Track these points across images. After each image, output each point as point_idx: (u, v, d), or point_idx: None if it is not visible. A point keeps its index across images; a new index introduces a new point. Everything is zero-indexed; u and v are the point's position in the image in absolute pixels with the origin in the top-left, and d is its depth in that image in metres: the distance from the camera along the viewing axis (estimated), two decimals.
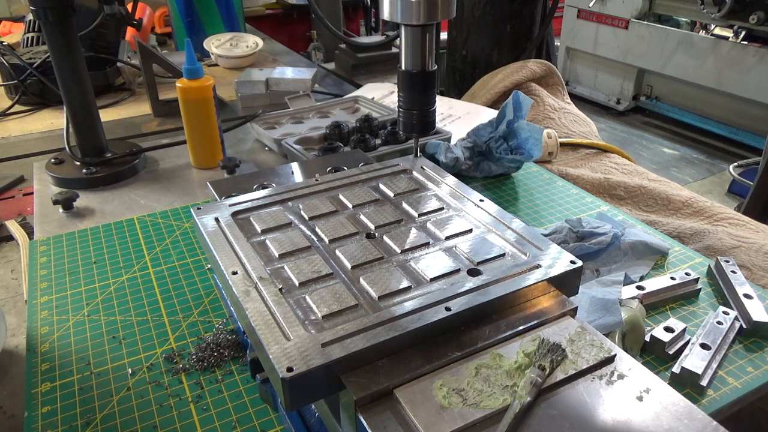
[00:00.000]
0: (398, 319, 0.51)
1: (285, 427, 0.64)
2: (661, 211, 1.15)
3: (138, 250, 0.95)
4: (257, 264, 0.60)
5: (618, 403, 0.47)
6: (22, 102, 1.62)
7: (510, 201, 1.09)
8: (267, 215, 0.70)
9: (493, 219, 0.68)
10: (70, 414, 0.66)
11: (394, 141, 1.19)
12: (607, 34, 4.26)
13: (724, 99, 3.74)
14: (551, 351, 0.50)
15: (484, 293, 0.54)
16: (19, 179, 1.26)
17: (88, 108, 1.15)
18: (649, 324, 0.77)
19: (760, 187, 2.32)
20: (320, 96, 1.62)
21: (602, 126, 4.16)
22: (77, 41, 1.09)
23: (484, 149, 1.14)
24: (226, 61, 1.92)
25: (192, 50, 1.13)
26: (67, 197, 1.07)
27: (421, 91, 0.76)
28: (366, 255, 0.62)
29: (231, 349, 0.74)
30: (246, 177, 0.83)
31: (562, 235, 0.88)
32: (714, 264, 0.86)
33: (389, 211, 0.71)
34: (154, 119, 1.53)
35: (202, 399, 0.67)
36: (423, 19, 0.70)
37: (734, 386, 0.68)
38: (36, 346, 0.75)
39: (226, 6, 2.00)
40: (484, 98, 1.54)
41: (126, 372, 0.71)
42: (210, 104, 1.16)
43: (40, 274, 0.90)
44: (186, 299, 0.84)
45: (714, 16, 3.47)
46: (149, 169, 1.25)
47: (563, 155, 1.35)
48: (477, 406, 0.46)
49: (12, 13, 2.69)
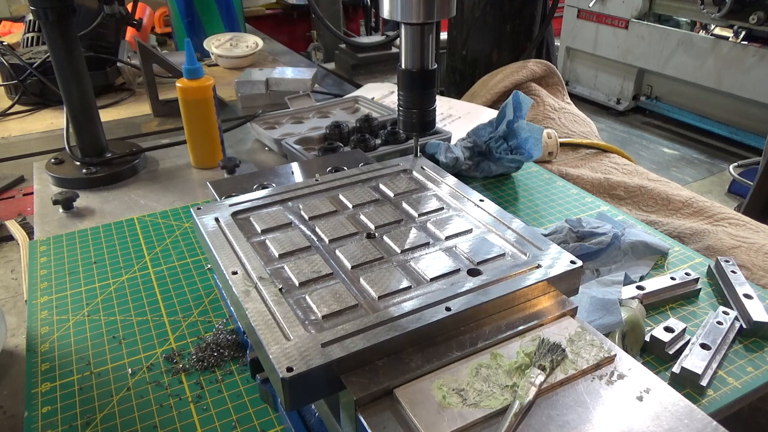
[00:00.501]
0: (398, 319, 0.51)
1: (285, 427, 0.64)
2: (661, 211, 1.15)
3: (138, 250, 0.95)
4: (257, 264, 0.60)
5: (618, 403, 0.47)
6: (22, 102, 1.62)
7: (510, 201, 1.09)
8: (267, 215, 0.70)
9: (493, 219, 0.68)
10: (70, 414, 0.66)
11: (394, 141, 1.19)
12: (607, 34, 4.26)
13: (724, 99, 3.74)
14: (551, 351, 0.50)
15: (484, 293, 0.54)
16: (19, 179, 1.26)
17: (88, 108, 1.15)
18: (649, 324, 0.77)
19: (760, 187, 2.32)
20: (320, 96, 1.62)
21: (602, 126, 4.16)
22: (77, 41, 1.09)
23: (484, 149, 1.14)
24: (226, 61, 1.92)
25: (192, 50, 1.13)
26: (67, 197, 1.07)
27: (421, 90, 0.76)
28: (366, 255, 0.62)
29: (231, 349, 0.74)
30: (246, 177, 0.83)
31: (562, 235, 0.88)
32: (714, 264, 0.86)
33: (389, 211, 0.71)
34: (154, 119, 1.53)
35: (202, 399, 0.67)
36: (422, 17, 0.70)
37: (734, 386, 0.68)
38: (36, 346, 0.75)
39: (226, 6, 2.00)
40: (484, 98, 1.54)
41: (126, 372, 0.71)
42: (210, 104, 1.16)
43: (40, 274, 0.90)
44: (186, 299, 0.84)
45: (714, 16, 3.47)
46: (149, 169, 1.25)
47: (563, 155, 1.35)
48: (477, 406, 0.46)
49: (12, 13, 2.69)
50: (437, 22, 0.73)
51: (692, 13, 3.78)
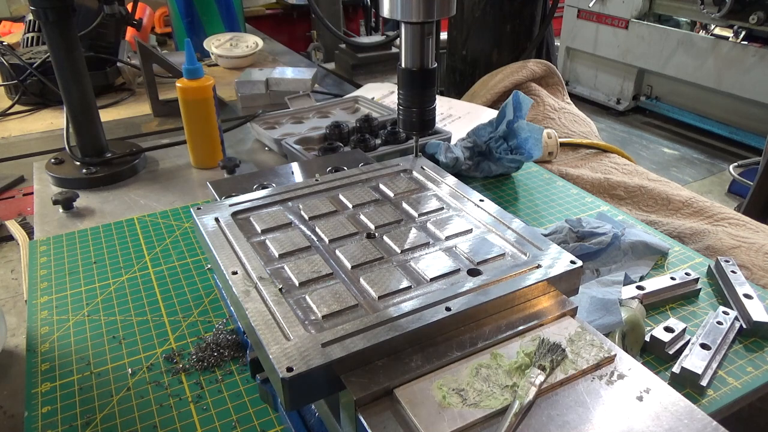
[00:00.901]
0: (398, 319, 0.51)
1: (285, 427, 0.64)
2: (661, 211, 1.15)
3: (138, 250, 0.95)
4: (257, 264, 0.60)
5: (618, 403, 0.47)
6: (22, 102, 1.62)
7: (510, 201, 1.09)
8: (267, 215, 0.70)
9: (493, 219, 0.68)
10: (70, 414, 0.66)
11: (394, 141, 1.19)
12: (607, 34, 4.26)
13: (724, 99, 3.74)
14: (551, 351, 0.50)
15: (484, 293, 0.54)
16: (19, 179, 1.26)
17: (88, 108, 1.15)
18: (649, 324, 0.77)
19: (760, 187, 2.32)
20: (320, 96, 1.62)
21: (602, 126, 4.16)
22: (77, 41, 1.09)
23: (484, 149, 1.14)
24: (226, 61, 1.92)
25: (192, 50, 1.13)
26: (67, 197, 1.07)
27: (421, 89, 0.76)
28: (366, 255, 0.62)
29: (231, 349, 0.74)
30: (246, 177, 0.83)
31: (562, 235, 0.88)
32: (714, 264, 0.86)
33: (389, 211, 0.71)
34: (154, 119, 1.53)
35: (202, 399, 0.67)
36: (422, 16, 0.70)
37: (734, 386, 0.68)
38: (36, 346, 0.75)
39: (226, 6, 2.00)
40: (484, 98, 1.54)
41: (126, 372, 0.71)
42: (210, 104, 1.16)
43: (40, 274, 0.90)
44: (186, 299, 0.84)
45: (714, 16, 3.47)
46: (149, 169, 1.25)
47: (563, 155, 1.35)
48: (477, 406, 0.46)
49: (12, 13, 2.69)
50: (437, 21, 0.73)
51: (692, 13, 3.78)
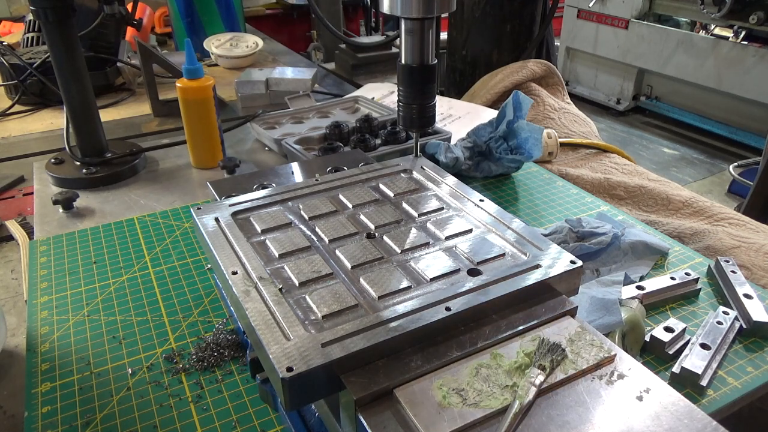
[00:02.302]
0: (398, 318, 0.51)
1: (285, 427, 0.64)
2: (661, 211, 1.15)
3: (138, 250, 0.95)
4: (257, 264, 0.60)
5: (618, 403, 0.47)
6: (22, 102, 1.62)
7: (510, 201, 1.09)
8: (267, 215, 0.70)
9: (493, 219, 0.68)
10: (70, 414, 0.66)
11: (394, 141, 1.19)
12: (607, 34, 4.26)
13: (724, 99, 3.74)
14: (551, 351, 0.50)
15: (484, 293, 0.54)
16: (19, 179, 1.26)
17: (88, 108, 1.15)
18: (649, 324, 0.77)
19: (760, 187, 2.32)
20: (320, 96, 1.62)
21: (602, 126, 4.16)
22: (77, 41, 1.09)
23: (484, 149, 1.14)
24: (226, 61, 1.92)
25: (192, 50, 1.13)
26: (67, 197, 1.07)
27: (421, 85, 0.76)
28: (366, 255, 0.62)
29: (231, 349, 0.74)
30: (246, 177, 0.83)
31: (562, 235, 0.88)
32: (714, 264, 0.86)
33: (389, 211, 0.71)
34: (154, 119, 1.53)
35: (202, 399, 0.67)
36: (422, 12, 0.70)
37: (734, 386, 0.68)
38: (36, 346, 0.75)
39: (226, 6, 2.00)
40: (484, 98, 1.54)
41: (126, 372, 0.71)
42: (210, 104, 1.16)
43: (40, 274, 0.90)
44: (186, 299, 0.84)
45: (714, 16, 3.47)
46: (149, 169, 1.25)
47: (563, 155, 1.35)
48: (477, 406, 0.46)
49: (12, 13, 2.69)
50: (437, 18, 0.73)
51: (692, 13, 3.78)
